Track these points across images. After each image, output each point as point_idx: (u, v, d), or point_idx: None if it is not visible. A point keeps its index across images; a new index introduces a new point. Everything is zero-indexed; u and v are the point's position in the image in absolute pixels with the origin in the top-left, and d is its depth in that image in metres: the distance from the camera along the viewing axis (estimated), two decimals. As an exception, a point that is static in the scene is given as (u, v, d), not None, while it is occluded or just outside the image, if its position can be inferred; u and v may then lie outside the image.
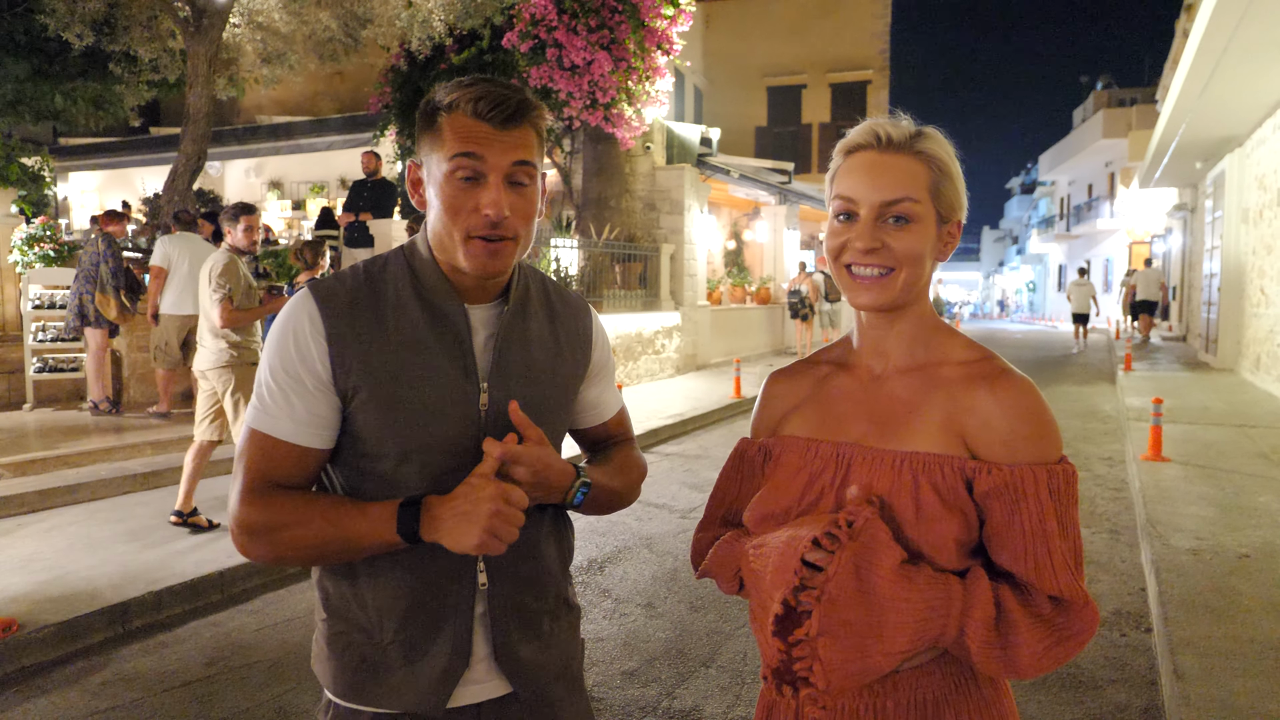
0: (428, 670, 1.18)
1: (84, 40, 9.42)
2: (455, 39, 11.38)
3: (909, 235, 1.05)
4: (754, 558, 1.05)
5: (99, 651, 3.55)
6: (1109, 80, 36.90)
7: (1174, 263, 22.14)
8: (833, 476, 1.09)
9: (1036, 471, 1.00)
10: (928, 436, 1.05)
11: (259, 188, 17.68)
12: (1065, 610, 1.00)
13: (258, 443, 1.15)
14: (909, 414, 1.08)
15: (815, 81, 26.19)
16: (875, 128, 1.07)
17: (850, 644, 0.95)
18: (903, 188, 1.04)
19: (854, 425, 1.12)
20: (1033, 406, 1.03)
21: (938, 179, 1.06)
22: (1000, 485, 1.01)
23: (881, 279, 1.05)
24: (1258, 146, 11.23)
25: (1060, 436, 1.05)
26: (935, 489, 1.02)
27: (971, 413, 1.04)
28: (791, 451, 1.15)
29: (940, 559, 1.01)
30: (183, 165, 8.93)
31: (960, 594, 0.98)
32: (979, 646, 0.97)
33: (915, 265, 1.06)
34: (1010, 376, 1.05)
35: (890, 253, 1.05)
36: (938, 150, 1.07)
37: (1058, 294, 38.87)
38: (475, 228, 1.13)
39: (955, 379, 1.07)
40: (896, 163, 1.05)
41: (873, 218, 1.05)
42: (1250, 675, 2.95)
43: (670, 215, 13.76)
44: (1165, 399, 6.85)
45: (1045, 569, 0.99)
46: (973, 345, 1.12)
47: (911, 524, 1.02)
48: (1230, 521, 4.77)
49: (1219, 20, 7.29)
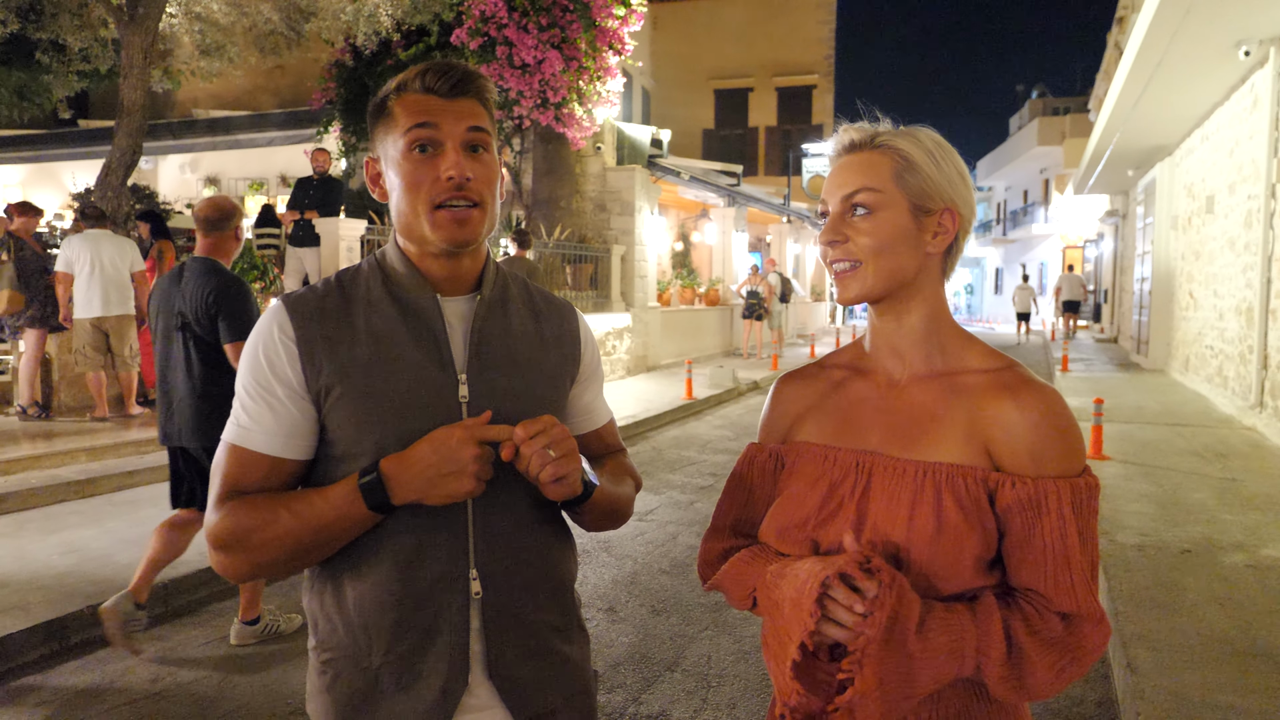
0: (424, 692, 1.11)
1: (8, 27, 9.00)
2: (403, 34, 11.18)
3: (870, 223, 1.06)
4: (773, 586, 1.03)
5: (36, 669, 3.37)
6: (1044, 90, 38.13)
7: (1106, 267, 22.95)
8: (853, 486, 1.07)
9: (1060, 485, 0.99)
10: (950, 447, 1.04)
11: (194, 183, 17.12)
12: (1076, 628, 0.99)
13: (230, 456, 1.12)
14: (930, 423, 1.06)
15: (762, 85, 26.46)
16: (844, 133, 1.11)
17: (885, 702, 0.94)
18: (860, 179, 1.07)
19: (873, 433, 1.10)
20: (1059, 418, 1.03)
21: (902, 168, 1.07)
22: (1024, 499, 1.00)
23: (852, 270, 1.07)
24: (1187, 156, 11.70)
25: (1084, 448, 1.05)
26: (958, 501, 1.01)
27: (996, 423, 1.03)
28: (808, 460, 1.12)
29: (957, 575, 1.00)
30: (116, 160, 8.56)
31: (974, 635, 0.97)
32: (995, 680, 0.98)
33: (883, 254, 1.06)
34: (1035, 386, 1.05)
35: (854, 244, 1.06)
36: (900, 142, 1.08)
37: (995, 296, 39.98)
38: (438, 195, 1.12)
39: (978, 388, 1.06)
40: (857, 159, 1.08)
41: (838, 214, 1.08)
42: (1200, 667, 3.05)
43: (621, 216, 13.74)
44: (1104, 399, 7.08)
45: (1064, 585, 0.98)
46: (993, 353, 1.10)
47: (932, 538, 1.00)
48: (1170, 518, 4.93)
49: (1153, 37, 7.57)
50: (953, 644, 0.96)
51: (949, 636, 0.96)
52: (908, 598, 0.94)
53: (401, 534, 1.12)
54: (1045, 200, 32.52)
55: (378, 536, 1.12)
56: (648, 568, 4.58)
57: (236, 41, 10.91)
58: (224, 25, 10.50)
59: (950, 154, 1.10)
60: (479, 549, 1.15)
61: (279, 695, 3.16)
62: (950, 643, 0.96)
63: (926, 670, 0.95)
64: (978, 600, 1.01)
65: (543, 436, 1.07)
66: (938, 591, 1.01)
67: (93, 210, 7.22)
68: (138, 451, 6.41)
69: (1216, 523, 4.80)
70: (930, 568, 1.00)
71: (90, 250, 6.89)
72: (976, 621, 0.98)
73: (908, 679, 0.94)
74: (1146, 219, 14.78)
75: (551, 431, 1.08)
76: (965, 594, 1.02)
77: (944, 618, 0.97)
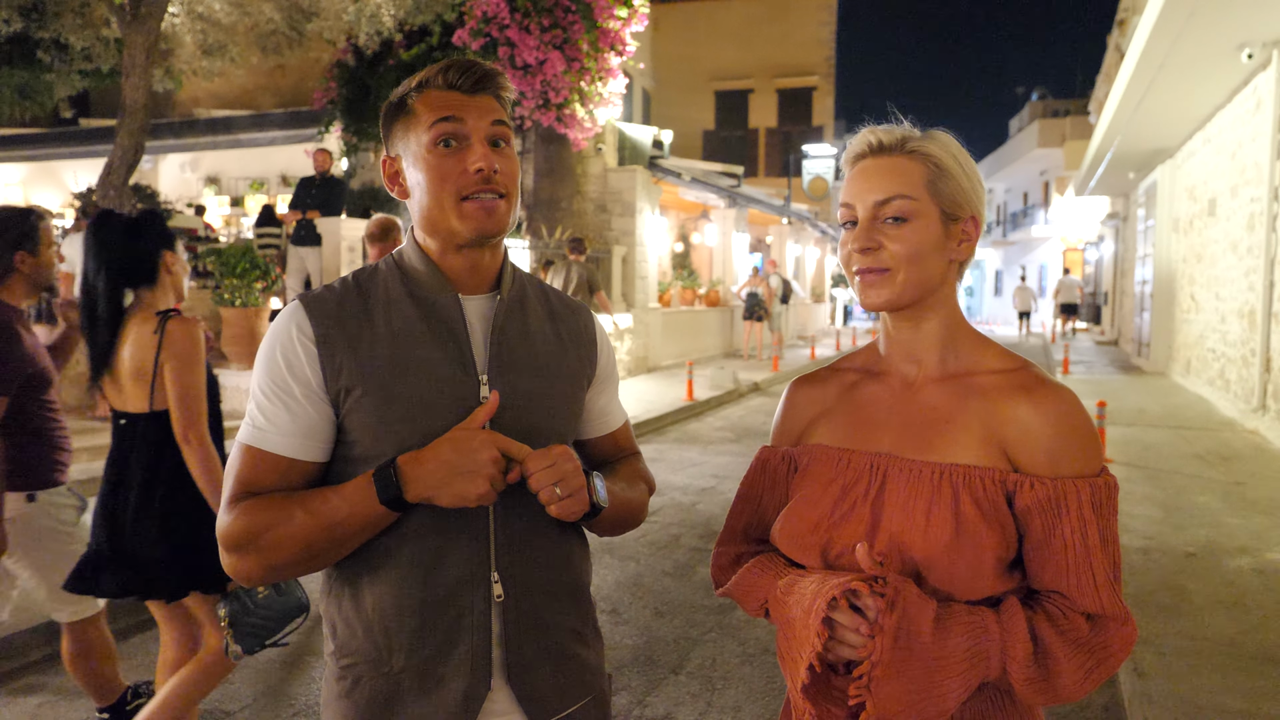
0: (447, 697, 1.10)
1: (10, 26, 8.98)
2: (404, 35, 11.18)
3: (906, 232, 1.04)
4: (782, 603, 1.02)
5: (37, 670, 3.35)
6: (1044, 92, 38.17)
7: (1106, 269, 22.96)
8: (867, 488, 1.06)
9: (1079, 485, 0.99)
10: (967, 448, 1.03)
11: (195, 183, 17.13)
12: (1102, 629, 0.99)
13: (244, 457, 1.11)
14: (946, 424, 1.05)
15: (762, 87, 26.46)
16: (869, 134, 1.09)
17: (902, 711, 0.93)
18: (895, 186, 1.05)
19: (887, 435, 1.09)
20: (1076, 417, 1.02)
21: (934, 175, 1.05)
22: (1043, 500, 0.99)
23: (881, 275, 1.05)
24: (1188, 159, 11.70)
25: (1101, 448, 1.04)
26: (976, 503, 1.00)
27: (1012, 423, 1.03)
28: (821, 462, 1.12)
29: (978, 577, 0.99)
30: (118, 159, 8.54)
31: (998, 634, 0.96)
32: (1021, 682, 0.97)
33: (915, 263, 1.05)
34: (1050, 386, 1.04)
35: (886, 252, 1.05)
36: (932, 148, 1.06)
37: (995, 298, 39.97)
38: (466, 187, 1.12)
39: (993, 388, 1.05)
40: (889, 164, 1.06)
41: (869, 219, 1.06)
42: (1207, 671, 3.04)
43: (622, 217, 13.73)
44: (1106, 402, 7.09)
45: (1087, 586, 0.98)
46: (1007, 353, 1.10)
47: (951, 541, 0.99)
48: (1175, 521, 4.93)
49: (1156, 40, 7.57)
50: (975, 646, 0.95)
51: (971, 639, 0.95)
52: (916, 607, 0.93)
53: (423, 537, 1.11)
54: (1045, 202, 32.53)
55: (398, 539, 1.11)
56: (651, 569, 4.57)
57: (238, 41, 10.89)
58: (226, 25, 10.49)
59: (970, 160, 1.10)
60: (500, 552, 1.14)
61: (282, 698, 3.15)
62: (973, 645, 0.95)
63: (951, 676, 0.94)
64: (1002, 603, 1.00)
65: (552, 471, 1.07)
66: (959, 596, 1.00)
67: (94, 210, 7.23)
68: (139, 451, 6.41)
69: (1221, 526, 4.80)
70: (950, 570, 0.99)
71: None
72: (1000, 622, 0.97)
73: (932, 688, 0.93)
74: (1148, 221, 14.78)
75: (561, 467, 1.07)
76: (989, 599, 1.01)
77: (965, 620, 0.96)
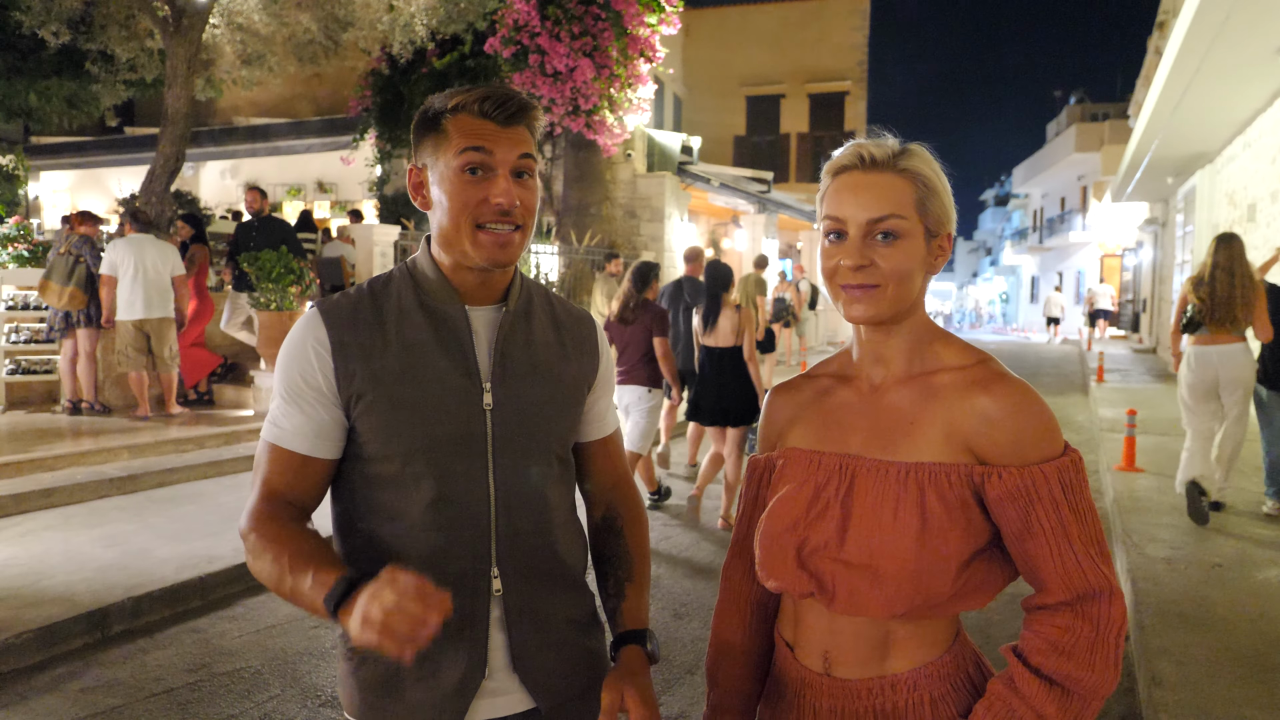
0: (444, 683, 1.18)
1: (60, 38, 9.28)
2: (437, 44, 11.35)
3: (897, 251, 1.07)
4: None
5: (78, 658, 3.49)
6: (1082, 95, 37.55)
7: (1144, 276, 22.52)
8: (837, 488, 1.10)
9: (1046, 470, 1.02)
10: (931, 446, 1.07)
11: (234, 189, 17.49)
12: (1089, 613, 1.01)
13: (268, 454, 1.20)
14: (910, 425, 1.09)
15: (794, 92, 26.35)
16: (859, 148, 1.10)
17: None
18: (888, 205, 1.07)
19: (855, 437, 1.13)
20: (1033, 405, 1.05)
21: (923, 195, 1.08)
22: (1013, 489, 1.03)
23: (871, 290, 1.08)
24: (1228, 163, 11.49)
25: (1059, 428, 1.07)
26: (942, 499, 1.04)
27: (973, 417, 1.06)
28: (795, 464, 1.16)
29: (943, 574, 1.03)
30: (161, 166, 8.80)
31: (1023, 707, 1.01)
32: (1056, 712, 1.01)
33: (904, 280, 1.08)
34: (1007, 379, 1.08)
35: (878, 269, 1.07)
36: (921, 167, 1.09)
37: (1030, 305, 39.37)
38: (484, 217, 1.17)
39: (951, 385, 1.09)
40: (881, 181, 1.08)
41: (861, 236, 1.08)
42: (1226, 683, 3.02)
43: (651, 223, 13.79)
44: (1137, 410, 6.98)
45: (1072, 568, 1.01)
46: (968, 349, 1.13)
47: (916, 538, 1.03)
48: (1202, 531, 4.86)
49: (1192, 42, 7.46)
50: None
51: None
52: None
53: (428, 531, 1.18)
54: (1083, 208, 31.98)
55: (403, 532, 1.18)
56: (671, 572, 4.62)
57: (276, 51, 11.13)
58: (264, 35, 10.73)
59: (945, 177, 1.13)
60: (500, 548, 1.21)
61: (310, 688, 3.24)
62: None
63: None
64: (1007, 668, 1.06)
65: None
66: (925, 592, 1.04)
67: (143, 216, 7.48)
68: (177, 450, 6.58)
69: (1250, 538, 4.73)
70: (916, 566, 1.03)
71: (134, 254, 7.10)
72: (1018, 693, 1.02)
73: None
74: (1186, 227, 14.52)
75: None
76: (955, 593, 1.05)
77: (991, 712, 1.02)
